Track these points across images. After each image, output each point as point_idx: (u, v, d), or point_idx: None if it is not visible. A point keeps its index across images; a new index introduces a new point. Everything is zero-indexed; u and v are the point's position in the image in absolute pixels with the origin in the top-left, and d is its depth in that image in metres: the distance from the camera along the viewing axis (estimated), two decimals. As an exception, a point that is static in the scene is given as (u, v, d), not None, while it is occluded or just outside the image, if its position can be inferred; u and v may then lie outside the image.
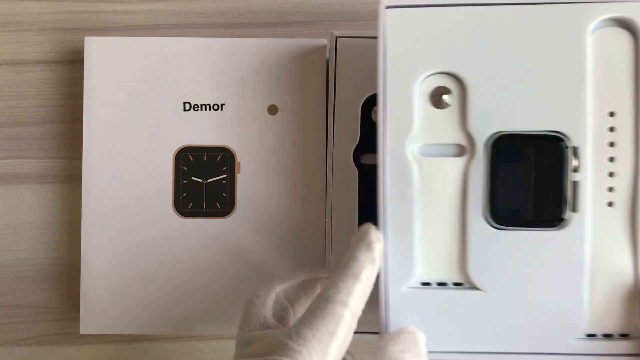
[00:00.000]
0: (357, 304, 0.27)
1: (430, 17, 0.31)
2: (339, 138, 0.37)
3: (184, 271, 0.39)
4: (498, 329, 0.31)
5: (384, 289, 0.31)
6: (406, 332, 0.30)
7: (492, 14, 0.31)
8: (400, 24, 0.31)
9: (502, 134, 0.31)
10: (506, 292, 0.31)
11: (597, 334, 0.31)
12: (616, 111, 0.31)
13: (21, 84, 0.42)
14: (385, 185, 0.31)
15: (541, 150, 0.31)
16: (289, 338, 0.25)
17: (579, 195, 0.31)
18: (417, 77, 0.31)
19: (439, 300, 0.31)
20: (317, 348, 0.25)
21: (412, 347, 0.28)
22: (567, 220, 0.31)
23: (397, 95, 0.31)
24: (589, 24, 0.30)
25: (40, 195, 0.41)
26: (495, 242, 0.31)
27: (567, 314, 0.31)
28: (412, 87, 0.31)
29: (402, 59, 0.31)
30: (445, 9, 0.31)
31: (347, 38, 0.37)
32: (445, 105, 0.32)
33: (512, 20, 0.31)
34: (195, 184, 0.39)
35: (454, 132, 0.32)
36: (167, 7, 0.42)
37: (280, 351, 0.25)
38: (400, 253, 0.31)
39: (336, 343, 0.26)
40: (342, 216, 0.37)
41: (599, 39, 0.31)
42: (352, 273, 0.27)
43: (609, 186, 0.31)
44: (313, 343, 0.25)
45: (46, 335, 0.42)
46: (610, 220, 0.31)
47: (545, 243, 0.31)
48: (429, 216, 0.32)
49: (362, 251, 0.28)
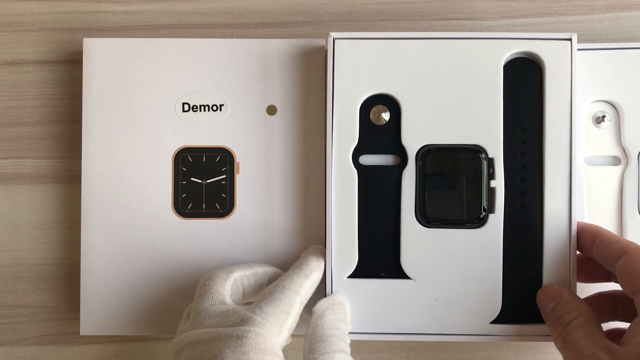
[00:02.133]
0: (306, 295, 0.34)
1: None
2: (338, 139, 0.37)
3: (184, 272, 0.39)
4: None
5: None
6: (338, 302, 0.35)
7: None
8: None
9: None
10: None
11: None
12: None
13: (21, 84, 0.42)
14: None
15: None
16: (254, 313, 0.31)
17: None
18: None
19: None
20: (276, 323, 0.31)
21: (342, 316, 0.34)
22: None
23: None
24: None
25: (40, 195, 0.42)
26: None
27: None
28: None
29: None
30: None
31: (344, 39, 0.37)
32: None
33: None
34: (194, 185, 0.39)
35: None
36: (167, 7, 0.42)
37: (248, 323, 0.30)
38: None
39: (290, 321, 0.32)
40: (342, 217, 0.37)
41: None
42: (304, 273, 0.34)
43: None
44: (273, 318, 0.31)
45: (46, 335, 0.42)
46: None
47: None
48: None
49: (313, 259, 0.36)
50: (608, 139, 0.39)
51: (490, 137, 0.37)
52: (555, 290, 0.34)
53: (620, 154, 0.39)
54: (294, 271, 0.34)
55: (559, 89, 0.37)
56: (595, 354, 0.29)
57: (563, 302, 0.33)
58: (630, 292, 0.31)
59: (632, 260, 0.31)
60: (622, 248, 0.32)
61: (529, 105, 0.37)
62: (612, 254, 0.33)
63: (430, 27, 0.42)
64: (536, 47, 0.37)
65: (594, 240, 0.34)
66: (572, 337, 0.31)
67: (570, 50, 0.37)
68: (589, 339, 0.30)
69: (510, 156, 0.37)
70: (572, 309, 0.32)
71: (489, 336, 0.36)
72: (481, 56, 0.37)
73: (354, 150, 0.37)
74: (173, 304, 0.39)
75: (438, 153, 0.37)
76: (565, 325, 0.32)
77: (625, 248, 0.32)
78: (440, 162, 0.37)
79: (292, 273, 0.34)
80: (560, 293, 0.34)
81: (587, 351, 0.30)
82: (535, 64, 0.37)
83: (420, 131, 0.37)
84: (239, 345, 0.28)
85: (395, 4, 0.42)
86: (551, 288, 0.35)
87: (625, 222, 0.38)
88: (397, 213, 0.37)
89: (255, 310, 0.31)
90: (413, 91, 0.37)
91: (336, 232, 0.37)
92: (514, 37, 0.37)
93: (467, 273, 0.36)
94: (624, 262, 0.31)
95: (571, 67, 0.37)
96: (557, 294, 0.34)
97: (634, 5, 0.42)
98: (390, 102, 0.37)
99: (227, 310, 0.31)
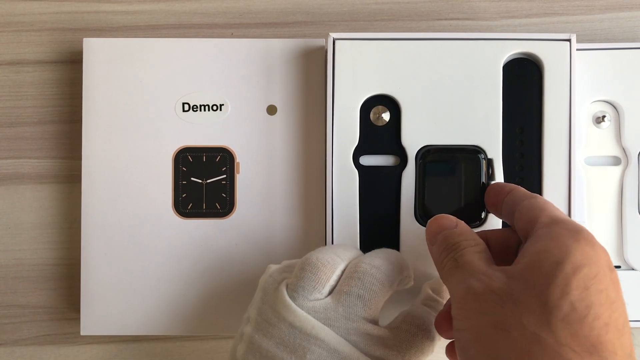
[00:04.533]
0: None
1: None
2: (338, 139, 0.37)
3: (184, 271, 0.39)
4: None
5: None
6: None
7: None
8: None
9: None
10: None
11: None
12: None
13: (21, 84, 0.42)
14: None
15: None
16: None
17: None
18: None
19: None
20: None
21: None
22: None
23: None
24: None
25: (40, 195, 0.42)
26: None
27: None
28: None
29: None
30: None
31: (344, 40, 0.37)
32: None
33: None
34: (194, 185, 0.39)
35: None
36: (167, 7, 0.42)
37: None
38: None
39: None
40: (342, 217, 0.37)
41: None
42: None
43: None
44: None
45: (46, 335, 0.42)
46: None
47: None
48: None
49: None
50: (608, 139, 0.39)
51: (490, 137, 0.37)
52: (451, 219, 0.32)
53: (620, 154, 0.39)
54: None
55: (558, 89, 0.37)
56: (489, 272, 0.27)
57: (459, 231, 0.30)
58: (524, 235, 0.29)
59: (528, 205, 0.30)
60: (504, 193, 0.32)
61: (528, 106, 0.37)
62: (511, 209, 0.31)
63: (430, 27, 0.42)
64: (535, 47, 0.37)
65: (504, 197, 0.32)
66: (465, 258, 0.28)
67: (570, 51, 0.37)
68: (484, 262, 0.28)
69: (510, 156, 0.37)
70: (469, 238, 0.30)
71: None
72: (481, 56, 0.37)
73: (354, 150, 0.37)
74: (173, 304, 0.39)
75: (438, 153, 0.37)
76: (460, 250, 0.29)
77: (529, 195, 0.31)
78: (440, 162, 0.37)
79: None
80: (456, 223, 0.31)
81: (481, 269, 0.27)
82: (534, 64, 0.37)
83: (420, 132, 0.37)
84: None
85: (395, 4, 0.42)
86: (445, 217, 0.32)
87: (625, 222, 0.39)
88: (397, 213, 0.37)
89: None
90: (413, 91, 0.37)
91: (336, 232, 0.37)
92: (513, 38, 0.37)
93: None
94: (518, 210, 0.30)
95: (570, 67, 0.37)
96: (452, 224, 0.31)
97: (634, 5, 0.42)
98: (390, 103, 0.37)
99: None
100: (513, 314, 0.25)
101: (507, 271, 0.27)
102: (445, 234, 0.31)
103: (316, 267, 0.31)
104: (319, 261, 0.32)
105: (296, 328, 0.30)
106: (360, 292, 0.31)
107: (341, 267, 0.32)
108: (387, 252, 0.34)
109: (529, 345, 0.24)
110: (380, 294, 0.31)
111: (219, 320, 0.39)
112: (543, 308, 0.24)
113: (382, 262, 0.32)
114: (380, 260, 0.32)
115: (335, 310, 0.30)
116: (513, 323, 0.25)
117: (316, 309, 0.30)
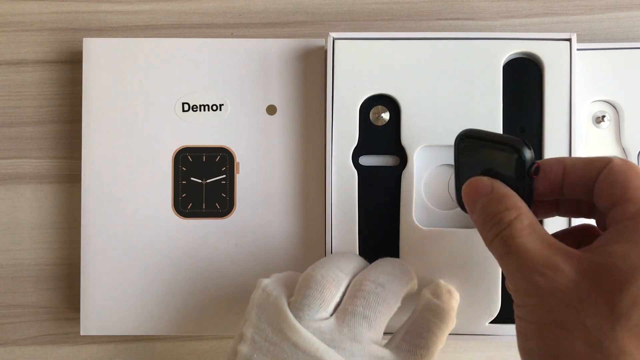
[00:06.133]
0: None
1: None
2: (338, 139, 0.37)
3: (184, 271, 0.39)
4: None
5: None
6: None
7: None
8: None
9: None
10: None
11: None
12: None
13: (21, 84, 0.42)
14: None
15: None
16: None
17: None
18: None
19: None
20: None
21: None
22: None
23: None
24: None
25: (40, 195, 0.42)
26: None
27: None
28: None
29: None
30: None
31: (344, 39, 0.37)
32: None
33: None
34: (194, 185, 0.39)
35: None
36: (167, 7, 0.42)
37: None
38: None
39: None
40: (342, 217, 0.37)
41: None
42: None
43: None
44: None
45: (46, 335, 0.42)
46: None
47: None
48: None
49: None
50: (608, 139, 0.39)
51: None
52: (485, 182, 0.28)
53: (620, 154, 0.39)
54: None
55: (558, 89, 0.37)
56: (552, 260, 0.25)
57: (496, 198, 0.27)
58: (610, 203, 0.26)
59: (615, 171, 0.26)
60: (602, 162, 0.27)
61: (528, 106, 0.37)
62: (588, 173, 0.27)
63: (430, 27, 0.42)
64: (536, 47, 0.37)
65: (563, 170, 0.28)
66: (516, 240, 0.26)
67: (570, 51, 0.37)
68: (540, 243, 0.25)
69: None
70: (509, 207, 0.27)
71: (488, 336, 0.37)
72: (481, 56, 0.37)
73: (353, 150, 0.37)
74: (173, 304, 0.39)
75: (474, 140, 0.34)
76: (504, 225, 0.26)
77: (606, 160, 0.27)
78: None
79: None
80: (491, 187, 0.28)
81: (540, 258, 0.25)
82: (534, 64, 0.37)
83: (420, 131, 0.37)
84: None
85: (395, 4, 0.42)
86: (479, 179, 0.29)
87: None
88: (397, 213, 0.37)
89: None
90: (413, 91, 0.37)
91: (336, 233, 0.37)
92: (513, 37, 0.37)
93: (466, 273, 0.36)
94: (606, 173, 0.26)
95: (570, 67, 0.37)
96: (487, 189, 0.28)
97: (634, 5, 0.42)
98: (390, 103, 0.37)
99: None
100: (578, 313, 0.24)
101: (576, 264, 0.24)
102: (484, 202, 0.28)
103: (322, 285, 0.31)
104: (324, 279, 0.31)
105: (299, 349, 0.29)
106: (365, 312, 0.30)
107: (345, 283, 0.32)
108: (393, 264, 0.33)
109: (591, 352, 0.23)
110: (386, 313, 0.31)
111: (219, 320, 0.39)
112: (610, 313, 0.23)
113: (387, 279, 0.32)
114: (386, 277, 0.32)
115: (340, 331, 0.30)
116: (577, 324, 0.24)
117: (322, 330, 0.30)
